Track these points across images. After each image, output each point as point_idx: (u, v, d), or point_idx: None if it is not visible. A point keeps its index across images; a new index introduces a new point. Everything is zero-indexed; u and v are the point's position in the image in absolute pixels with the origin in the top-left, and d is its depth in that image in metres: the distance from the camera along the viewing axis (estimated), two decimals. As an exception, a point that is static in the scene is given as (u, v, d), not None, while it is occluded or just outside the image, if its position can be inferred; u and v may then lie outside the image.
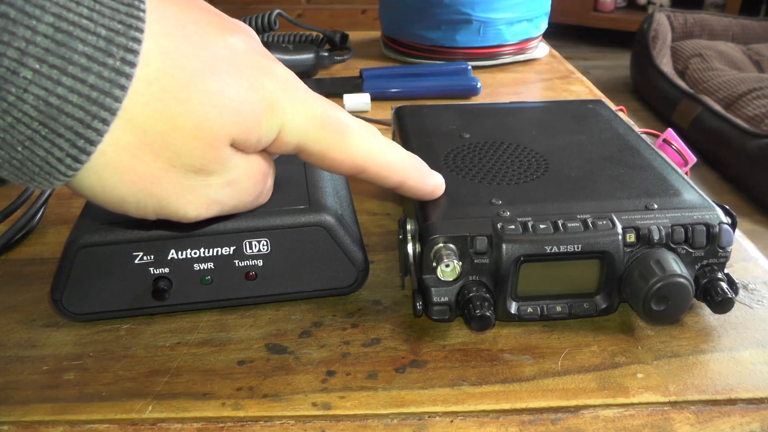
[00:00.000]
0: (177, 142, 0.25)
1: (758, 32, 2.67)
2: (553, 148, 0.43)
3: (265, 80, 0.28)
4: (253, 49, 0.29)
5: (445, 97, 0.72)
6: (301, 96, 0.29)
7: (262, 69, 0.28)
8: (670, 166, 0.41)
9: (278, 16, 0.77)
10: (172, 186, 0.27)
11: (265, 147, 0.30)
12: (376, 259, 0.43)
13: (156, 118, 0.25)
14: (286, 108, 0.29)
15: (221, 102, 0.26)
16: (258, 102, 0.27)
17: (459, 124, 0.47)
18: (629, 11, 3.29)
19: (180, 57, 0.25)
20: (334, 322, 0.37)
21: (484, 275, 0.35)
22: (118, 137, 0.24)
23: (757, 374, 0.33)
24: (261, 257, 0.36)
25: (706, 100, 2.13)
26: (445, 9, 0.81)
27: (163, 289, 0.35)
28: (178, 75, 0.25)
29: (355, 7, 2.75)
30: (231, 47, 0.27)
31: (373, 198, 0.51)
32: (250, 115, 0.27)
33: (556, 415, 0.31)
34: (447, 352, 0.35)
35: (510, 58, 0.85)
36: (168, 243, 0.35)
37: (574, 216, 0.35)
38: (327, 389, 0.32)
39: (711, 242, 0.35)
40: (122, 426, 0.30)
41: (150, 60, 0.24)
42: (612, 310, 0.36)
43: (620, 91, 2.69)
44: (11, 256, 0.44)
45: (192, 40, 0.26)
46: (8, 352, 0.35)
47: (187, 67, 0.25)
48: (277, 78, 0.29)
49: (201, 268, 0.36)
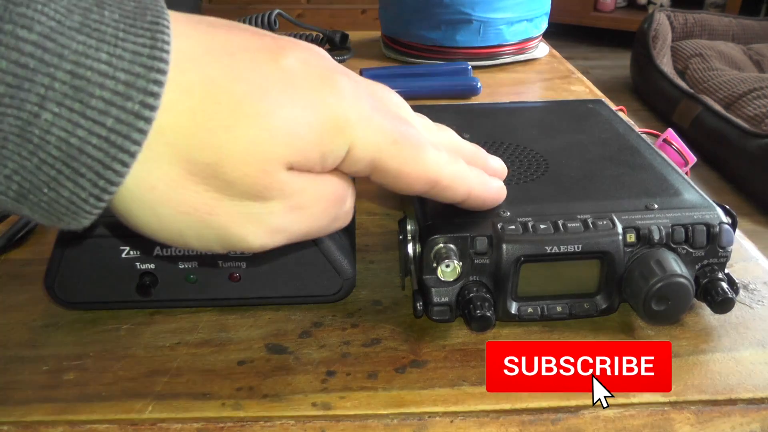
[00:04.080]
0: (227, 170, 0.24)
1: (758, 32, 2.67)
2: (554, 148, 0.43)
3: (327, 96, 0.26)
4: (313, 65, 0.27)
5: (445, 97, 0.72)
6: (369, 110, 0.27)
7: (323, 85, 0.27)
8: (670, 166, 0.41)
9: (278, 16, 0.77)
10: (230, 216, 0.26)
11: (334, 167, 0.27)
12: (376, 259, 0.43)
13: (202, 148, 0.24)
14: (355, 124, 0.27)
15: (272, 124, 0.25)
16: (317, 120, 0.26)
17: (459, 124, 0.47)
18: (629, 11, 3.29)
19: (226, 83, 0.24)
20: (334, 322, 0.37)
21: (484, 275, 0.35)
22: (165, 171, 0.24)
23: (757, 374, 0.33)
24: (244, 259, 0.36)
25: (706, 100, 2.12)
26: (445, 9, 0.81)
27: (148, 285, 0.36)
28: (224, 101, 0.24)
29: (355, 7, 2.75)
30: (285, 67, 0.26)
31: (373, 198, 0.51)
32: (307, 135, 0.26)
33: (556, 415, 0.31)
34: (447, 352, 0.35)
35: (510, 58, 0.85)
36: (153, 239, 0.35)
37: (575, 216, 0.35)
38: (327, 389, 0.32)
39: (711, 242, 0.35)
40: (122, 426, 0.30)
41: (191, 90, 0.24)
42: (612, 311, 0.36)
43: (620, 91, 2.69)
44: (11, 256, 0.44)
45: (240, 65, 0.25)
46: (8, 352, 0.35)
47: (234, 93, 0.24)
48: (341, 92, 0.27)
49: (186, 267, 0.36)
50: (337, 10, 2.75)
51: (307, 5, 2.77)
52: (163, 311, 0.38)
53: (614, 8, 3.29)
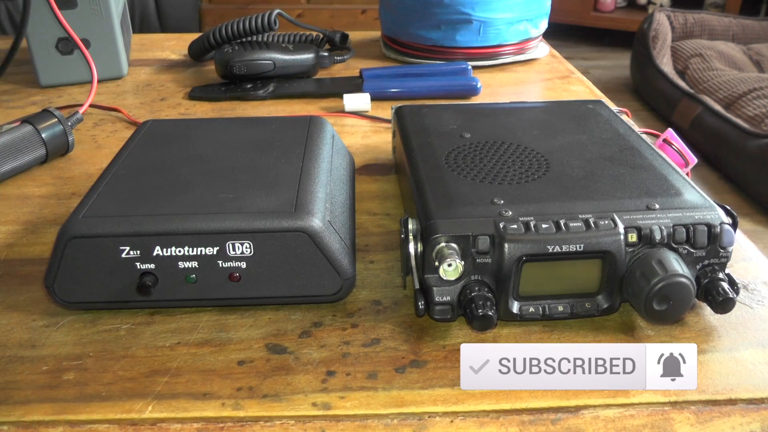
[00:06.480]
0: None
1: (758, 32, 2.67)
2: (554, 148, 0.43)
3: None
4: None
5: (445, 97, 0.72)
6: None
7: None
8: (670, 166, 0.41)
9: (278, 16, 0.77)
10: None
11: None
12: (376, 259, 0.43)
13: None
14: None
15: None
16: None
17: (459, 124, 0.47)
18: (629, 11, 3.29)
19: None
20: (334, 322, 0.37)
21: (486, 275, 0.35)
22: None
23: (757, 374, 0.33)
24: (244, 259, 0.36)
25: (706, 100, 2.12)
26: (445, 9, 0.81)
27: (148, 285, 0.36)
28: None
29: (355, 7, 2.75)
30: None
31: (373, 198, 0.51)
32: None
33: (556, 415, 0.31)
34: (447, 352, 0.35)
35: (510, 58, 0.85)
36: (153, 239, 0.35)
37: (576, 216, 0.35)
38: (327, 389, 0.32)
39: (712, 242, 0.35)
40: (122, 426, 0.30)
41: None
42: (613, 310, 0.36)
43: (620, 91, 2.69)
44: (11, 256, 0.44)
45: None
46: (8, 352, 0.35)
47: None
48: None
49: (185, 267, 0.36)
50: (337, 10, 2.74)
51: (307, 5, 2.76)
52: (163, 311, 0.38)
53: (614, 8, 3.29)
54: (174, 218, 0.36)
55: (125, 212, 0.36)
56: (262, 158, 0.43)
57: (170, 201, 0.37)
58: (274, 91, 0.74)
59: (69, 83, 0.77)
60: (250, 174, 0.40)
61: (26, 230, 0.47)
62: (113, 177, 0.41)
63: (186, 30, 1.61)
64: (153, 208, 0.37)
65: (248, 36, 0.77)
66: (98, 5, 0.74)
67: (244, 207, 0.36)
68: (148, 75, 0.82)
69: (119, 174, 0.41)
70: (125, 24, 0.84)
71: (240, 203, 0.37)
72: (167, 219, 0.36)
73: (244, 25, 0.76)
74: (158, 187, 0.39)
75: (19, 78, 0.79)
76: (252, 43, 0.76)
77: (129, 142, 0.46)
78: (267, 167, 0.41)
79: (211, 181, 0.40)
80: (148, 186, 0.39)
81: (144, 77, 0.82)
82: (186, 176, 0.40)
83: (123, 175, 0.41)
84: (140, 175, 0.41)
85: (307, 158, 0.43)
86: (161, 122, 0.50)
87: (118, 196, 0.38)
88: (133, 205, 0.37)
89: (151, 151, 0.45)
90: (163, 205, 0.37)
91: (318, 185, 0.40)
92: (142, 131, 0.48)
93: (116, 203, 0.37)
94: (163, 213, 0.36)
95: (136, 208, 0.37)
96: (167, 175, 0.41)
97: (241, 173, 0.41)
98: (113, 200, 0.38)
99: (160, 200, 0.38)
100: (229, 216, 0.36)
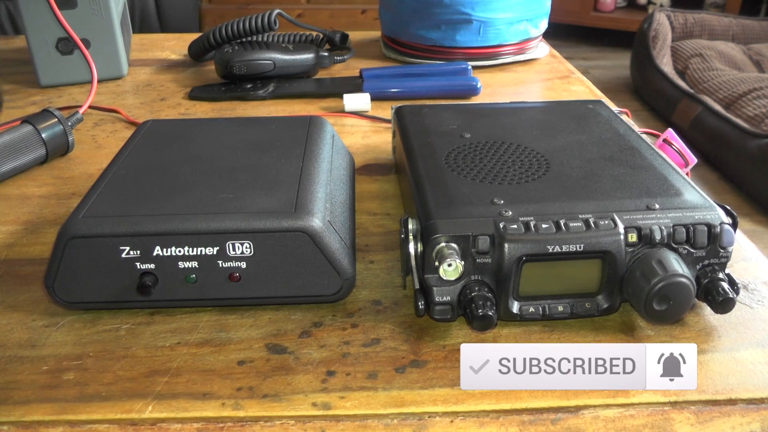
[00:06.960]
0: None
1: (758, 32, 2.67)
2: (554, 148, 0.43)
3: None
4: None
5: (445, 97, 0.72)
6: None
7: None
8: (670, 167, 0.41)
9: (278, 16, 0.77)
10: None
11: None
12: (376, 259, 0.43)
13: None
14: None
15: None
16: None
17: (459, 124, 0.47)
18: (629, 11, 3.29)
19: None
20: (334, 322, 0.37)
21: (486, 275, 0.35)
22: None
23: (757, 374, 0.33)
24: (244, 259, 0.36)
25: (706, 100, 2.12)
26: (445, 9, 0.81)
27: (148, 285, 0.36)
28: None
29: (355, 7, 2.75)
30: None
31: (373, 198, 0.51)
32: None
33: (556, 415, 0.31)
34: (447, 352, 0.35)
35: (510, 58, 0.85)
36: (153, 239, 0.35)
37: (576, 216, 0.35)
38: (327, 389, 0.32)
39: (712, 242, 0.35)
40: (122, 426, 0.30)
41: None
42: (613, 310, 0.36)
43: (620, 91, 2.68)
44: (11, 256, 0.44)
45: None
46: (8, 352, 0.35)
47: None
48: None
49: (186, 267, 0.36)
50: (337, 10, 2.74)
51: (307, 5, 2.76)
52: (163, 311, 0.38)
53: (614, 8, 3.29)
54: (174, 218, 0.36)
55: (125, 212, 0.36)
56: (262, 158, 0.43)
57: (170, 201, 0.37)
58: (274, 91, 0.74)
59: (69, 83, 0.77)
60: (250, 174, 0.40)
61: (26, 230, 0.47)
62: (113, 177, 0.41)
63: (186, 30, 1.61)
64: (153, 208, 0.37)
65: (248, 36, 0.77)
66: (98, 5, 0.74)
67: (244, 207, 0.36)
68: (148, 75, 0.83)
69: (119, 174, 0.41)
70: (125, 24, 0.84)
71: (240, 203, 0.37)
72: (167, 219, 0.36)
73: (244, 25, 0.76)
74: (158, 187, 0.39)
75: (19, 78, 0.79)
76: (252, 43, 0.76)
77: (129, 142, 0.46)
78: (267, 167, 0.41)
79: (211, 181, 0.40)
80: (148, 186, 0.39)
81: (144, 77, 0.82)
82: (186, 176, 0.40)
83: (123, 175, 0.41)
84: (140, 175, 0.41)
85: (307, 158, 0.43)
86: (161, 122, 0.50)
87: (118, 196, 0.38)
88: (133, 205, 0.37)
89: (151, 151, 0.45)
90: (163, 205, 0.37)
91: (318, 185, 0.40)
92: (142, 131, 0.48)
93: (116, 203, 0.37)
94: (163, 213, 0.36)
95: (136, 208, 0.37)
96: (167, 175, 0.41)
97: (241, 173, 0.41)
98: (113, 200, 0.38)
99: (160, 200, 0.38)
100: (229, 216, 0.36)
